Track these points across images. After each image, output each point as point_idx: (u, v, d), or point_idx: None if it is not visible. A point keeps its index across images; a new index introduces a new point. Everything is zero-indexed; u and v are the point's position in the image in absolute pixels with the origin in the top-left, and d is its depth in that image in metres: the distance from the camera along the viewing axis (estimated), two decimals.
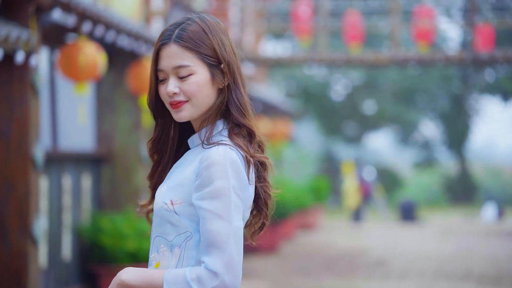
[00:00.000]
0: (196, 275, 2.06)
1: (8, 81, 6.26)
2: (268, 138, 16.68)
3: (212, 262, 2.07)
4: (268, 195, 2.31)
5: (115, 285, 2.14)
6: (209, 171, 2.12)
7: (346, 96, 29.02)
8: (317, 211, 17.92)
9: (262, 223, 2.36)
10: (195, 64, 2.18)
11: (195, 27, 2.19)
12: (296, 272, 10.97)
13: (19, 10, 6.25)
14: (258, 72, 17.61)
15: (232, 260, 2.09)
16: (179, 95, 2.19)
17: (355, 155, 27.87)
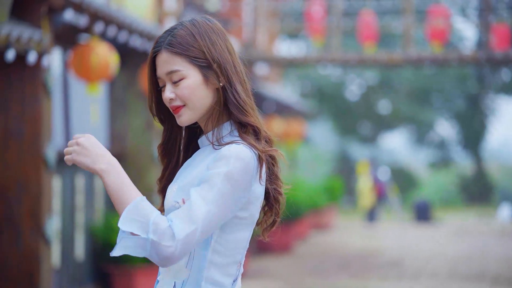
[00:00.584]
0: (159, 225, 2.04)
1: (20, 82, 6.29)
2: (281, 138, 16.67)
3: (179, 227, 2.05)
4: (278, 192, 2.30)
5: (92, 168, 2.12)
6: (215, 164, 2.14)
7: (361, 96, 28.96)
8: (331, 211, 17.90)
9: (273, 220, 2.34)
10: (185, 68, 2.21)
11: (184, 31, 2.22)
12: (310, 272, 10.95)
13: (31, 11, 6.28)
14: (272, 72, 17.60)
15: (193, 236, 2.06)
16: (175, 100, 2.22)
17: (370, 155, 27.82)
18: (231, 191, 2.12)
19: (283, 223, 11.36)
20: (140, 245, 2.05)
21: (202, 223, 2.07)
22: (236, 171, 2.13)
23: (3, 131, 6.31)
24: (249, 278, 10.25)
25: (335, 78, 28.79)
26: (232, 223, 2.19)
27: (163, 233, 2.04)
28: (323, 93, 28.23)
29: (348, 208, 24.63)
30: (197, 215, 2.07)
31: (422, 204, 20.08)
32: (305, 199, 13.79)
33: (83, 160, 2.13)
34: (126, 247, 2.07)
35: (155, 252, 2.04)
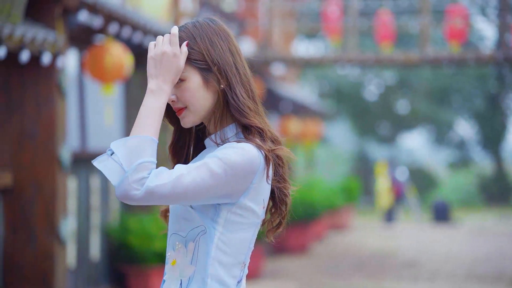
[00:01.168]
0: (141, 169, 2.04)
1: (35, 83, 6.32)
2: (298, 138, 16.65)
3: (153, 177, 2.06)
4: (284, 193, 2.28)
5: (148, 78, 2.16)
6: (215, 151, 2.15)
7: (379, 95, 28.87)
8: (348, 211, 17.85)
9: (279, 221, 2.31)
10: (186, 70, 2.21)
11: (185, 33, 2.23)
12: (326, 273, 10.93)
13: (45, 12, 6.31)
14: (289, 72, 17.58)
15: (162, 188, 2.05)
16: (177, 103, 2.23)
17: (388, 155, 27.72)
18: (218, 173, 2.10)
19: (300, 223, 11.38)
20: (116, 172, 2.06)
21: (175, 181, 2.06)
22: (234, 158, 2.12)
23: (18, 132, 6.34)
24: (266, 278, 10.25)
25: (353, 78, 28.73)
26: (234, 221, 2.19)
27: (139, 177, 2.04)
28: (341, 93, 28.17)
29: (366, 208, 24.56)
30: (173, 173, 2.07)
31: (440, 204, 19.98)
32: (322, 199, 13.77)
33: (150, 64, 2.17)
34: (105, 165, 2.07)
35: (123, 186, 2.04)
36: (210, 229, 2.18)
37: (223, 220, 2.18)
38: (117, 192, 2.05)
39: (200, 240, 2.18)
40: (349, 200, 17.62)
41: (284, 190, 2.27)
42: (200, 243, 2.17)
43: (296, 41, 24.94)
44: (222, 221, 2.18)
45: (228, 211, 2.18)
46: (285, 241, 12.77)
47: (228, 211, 2.18)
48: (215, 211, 2.18)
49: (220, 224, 2.18)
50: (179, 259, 2.21)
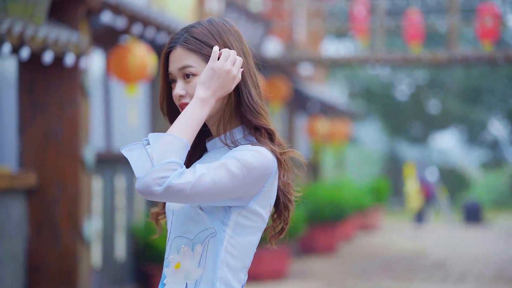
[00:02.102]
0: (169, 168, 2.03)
1: (58, 83, 6.36)
2: (326, 138, 16.59)
3: (191, 172, 2.05)
4: (288, 199, 2.25)
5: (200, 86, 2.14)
6: (231, 152, 2.12)
7: (410, 95, 28.69)
8: (377, 212, 17.76)
9: (282, 227, 2.28)
10: (198, 65, 2.18)
11: (201, 30, 2.21)
12: (353, 274, 10.88)
13: (69, 13, 6.34)
14: (317, 72, 17.53)
15: (184, 187, 2.03)
16: (185, 97, 2.19)
17: (420, 155, 27.54)
18: (237, 174, 2.08)
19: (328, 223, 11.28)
20: (144, 164, 2.03)
21: (196, 181, 2.04)
22: (252, 161, 2.09)
23: (43, 132, 6.39)
24: (292, 279, 10.23)
25: (384, 78, 28.58)
26: (244, 225, 2.16)
27: (164, 175, 2.02)
28: (371, 93, 28.04)
29: (396, 209, 24.41)
30: (196, 172, 2.05)
31: (472, 205, 19.80)
32: (350, 199, 13.70)
33: (209, 74, 2.14)
34: (134, 155, 2.05)
35: (146, 180, 2.02)
36: (220, 232, 2.15)
37: (233, 223, 2.16)
38: (138, 185, 2.02)
39: (209, 243, 2.14)
40: (378, 200, 17.53)
41: (289, 195, 2.25)
42: (209, 245, 2.14)
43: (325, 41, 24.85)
44: (232, 224, 2.16)
45: (238, 214, 2.15)
46: (313, 242, 12.73)
47: (238, 214, 2.15)
48: (226, 213, 2.15)
49: (230, 227, 2.15)
50: (184, 262, 2.17)
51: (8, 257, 6.10)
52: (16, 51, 5.72)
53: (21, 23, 5.60)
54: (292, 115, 14.68)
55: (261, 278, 9.91)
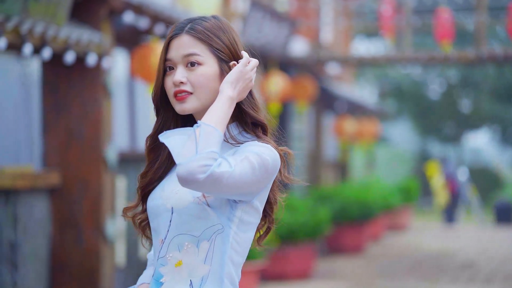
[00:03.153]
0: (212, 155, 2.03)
1: (81, 83, 6.40)
2: (354, 138, 16.52)
3: (227, 163, 2.05)
4: (275, 198, 2.27)
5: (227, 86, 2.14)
6: (244, 148, 2.13)
7: (442, 94, 28.46)
8: (406, 212, 17.65)
9: (267, 227, 2.30)
10: (205, 55, 2.18)
11: (209, 22, 2.22)
12: (380, 274, 10.82)
13: (91, 14, 6.39)
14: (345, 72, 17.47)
15: (224, 176, 2.03)
16: (185, 85, 2.17)
17: (452, 155, 27.31)
18: (257, 169, 2.09)
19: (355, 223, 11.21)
20: (186, 150, 2.02)
21: (231, 172, 2.04)
22: (267, 157, 2.11)
23: (66, 132, 6.44)
24: (318, 278, 10.20)
25: (415, 77, 28.39)
26: (246, 221, 2.17)
27: (206, 163, 2.01)
28: (402, 92, 27.87)
29: (426, 209, 24.25)
30: (230, 164, 2.05)
31: (503, 205, 19.58)
32: (378, 199, 13.63)
33: (237, 75, 2.15)
34: (174, 140, 2.06)
35: (190, 167, 2.00)
36: (227, 228, 2.15)
37: (237, 219, 2.16)
38: (181, 170, 2.00)
39: (216, 239, 2.14)
40: (408, 200, 17.42)
41: (276, 196, 2.27)
42: (216, 242, 2.14)
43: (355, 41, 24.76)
44: (237, 220, 2.16)
45: (242, 210, 2.16)
46: (340, 241, 12.69)
47: (242, 210, 2.16)
48: (231, 209, 2.16)
49: (235, 223, 2.16)
50: (187, 259, 2.15)
51: (32, 256, 6.15)
52: (38, 52, 5.77)
53: (43, 23, 5.65)
54: (320, 115, 14.64)
55: (286, 278, 9.90)
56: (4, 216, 5.81)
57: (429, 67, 24.95)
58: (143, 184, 2.28)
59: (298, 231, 9.74)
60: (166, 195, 2.19)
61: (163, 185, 2.23)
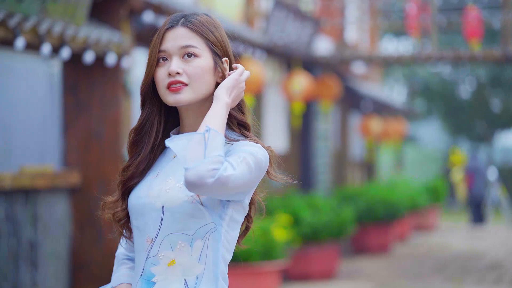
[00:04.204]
0: (220, 159, 2.02)
1: (101, 83, 6.42)
2: (380, 137, 16.43)
3: (230, 166, 2.05)
4: (254, 200, 2.28)
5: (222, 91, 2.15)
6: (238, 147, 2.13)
7: (473, 93, 28.20)
8: (433, 212, 17.50)
9: (246, 226, 2.30)
10: (201, 48, 2.18)
11: (204, 17, 2.23)
12: (405, 274, 10.74)
13: (111, 14, 6.40)
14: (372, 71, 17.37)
15: (230, 178, 2.03)
16: (181, 76, 2.16)
17: (483, 154, 27.04)
18: (253, 169, 2.10)
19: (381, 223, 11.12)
20: (194, 155, 2.01)
21: (236, 174, 2.04)
22: (260, 156, 2.12)
23: (86, 132, 6.46)
24: (342, 279, 10.15)
25: (445, 76, 28.16)
26: (235, 219, 2.18)
27: (214, 167, 2.01)
28: (432, 91, 27.65)
29: (455, 209, 24.04)
30: (233, 166, 2.05)
31: None
32: (404, 199, 13.52)
33: (232, 84, 2.15)
34: (180, 145, 2.04)
35: (199, 171, 1.99)
36: (219, 227, 2.15)
37: (228, 218, 2.17)
38: (190, 175, 1.99)
39: (209, 238, 2.14)
40: (435, 200, 17.27)
41: (256, 195, 2.28)
42: (209, 240, 2.13)
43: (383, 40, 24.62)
44: (228, 218, 2.16)
45: (232, 208, 2.17)
46: (365, 241, 12.62)
47: (232, 209, 2.17)
48: (223, 208, 2.16)
49: (226, 221, 2.16)
50: (181, 258, 2.14)
51: (52, 255, 6.18)
52: (57, 52, 5.79)
53: (61, 23, 5.67)
54: (345, 114, 14.58)
55: (310, 278, 9.86)
56: (24, 216, 5.84)
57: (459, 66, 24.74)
58: (125, 179, 2.25)
59: (321, 230, 9.70)
60: (155, 194, 2.17)
61: (149, 183, 2.21)
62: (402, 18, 15.80)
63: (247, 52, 8.49)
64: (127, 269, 2.30)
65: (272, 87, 10.69)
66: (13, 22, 5.17)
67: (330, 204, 10.23)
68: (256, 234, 7.87)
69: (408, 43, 27.37)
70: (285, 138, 11.51)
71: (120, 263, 2.32)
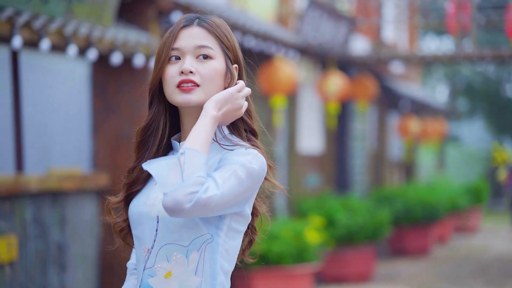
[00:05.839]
0: (199, 181, 1.94)
1: (129, 84, 6.38)
2: (419, 137, 16.21)
3: (214, 184, 1.97)
4: (257, 211, 2.20)
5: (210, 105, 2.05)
6: (231, 157, 2.04)
7: None
8: (475, 213, 17.21)
9: (251, 239, 2.23)
10: (216, 50, 2.12)
11: (219, 21, 2.18)
12: (444, 278, 10.55)
13: (139, 14, 6.36)
14: (411, 70, 17.15)
15: (211, 200, 1.95)
16: (194, 75, 2.09)
17: None
18: (244, 181, 2.02)
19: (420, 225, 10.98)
20: (171, 179, 1.94)
21: (220, 193, 1.97)
22: (255, 166, 2.03)
23: (114, 133, 6.43)
24: (378, 281, 10.01)
25: (489, 74, 27.76)
26: (234, 228, 2.10)
27: (193, 190, 1.94)
28: (475, 90, 27.27)
29: (499, 210, 23.66)
30: (217, 184, 1.98)
31: None
32: (444, 200, 13.30)
33: (226, 98, 2.06)
34: (159, 169, 1.98)
35: (176, 196, 1.92)
36: (216, 237, 2.08)
37: (226, 227, 2.09)
38: (167, 201, 1.93)
39: (206, 249, 2.07)
40: (477, 202, 16.98)
41: (259, 207, 2.20)
42: (206, 252, 2.07)
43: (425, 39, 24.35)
44: (225, 228, 2.09)
45: (230, 218, 2.09)
46: (403, 243, 12.45)
47: (230, 218, 2.09)
48: (220, 218, 2.09)
49: (223, 232, 2.09)
50: (177, 270, 2.07)
51: (80, 258, 6.15)
52: (83, 53, 5.76)
53: (88, 24, 5.64)
54: (383, 114, 14.41)
55: (345, 280, 9.74)
56: (52, 218, 5.82)
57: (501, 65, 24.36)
58: (130, 181, 2.20)
59: (357, 233, 9.57)
60: (151, 203, 2.12)
61: (148, 191, 2.16)
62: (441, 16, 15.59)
63: (279, 52, 8.40)
64: (135, 280, 2.25)
65: (307, 88, 10.58)
66: (38, 23, 5.14)
67: (366, 206, 10.09)
68: (289, 236, 7.83)
69: (450, 42, 27.04)
70: (320, 139, 11.40)
71: (130, 273, 2.28)
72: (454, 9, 10.86)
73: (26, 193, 5.50)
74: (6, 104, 6.08)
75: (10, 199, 5.34)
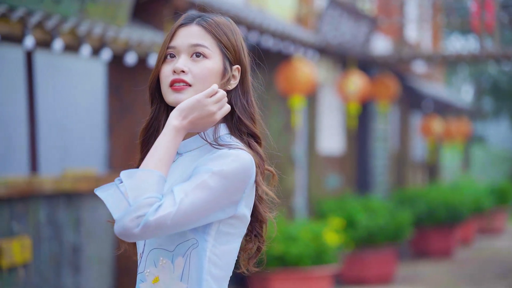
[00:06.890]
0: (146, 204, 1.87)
1: (144, 84, 6.32)
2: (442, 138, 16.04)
3: (170, 201, 1.90)
4: (264, 217, 2.13)
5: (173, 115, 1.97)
6: (208, 162, 1.97)
7: None
8: (500, 215, 17.00)
9: (258, 247, 2.15)
10: (213, 49, 2.07)
11: (221, 20, 2.14)
12: (466, 279, 10.41)
13: (154, 14, 6.32)
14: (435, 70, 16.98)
15: (164, 220, 1.88)
16: (186, 75, 2.04)
17: None
18: (217, 188, 1.94)
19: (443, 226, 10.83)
20: (119, 204, 1.89)
21: (177, 210, 1.89)
22: (229, 168, 1.95)
23: (129, 134, 6.38)
24: (400, 283, 9.90)
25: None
26: (225, 232, 2.03)
27: (141, 213, 1.87)
28: (501, 90, 26.99)
29: None
30: (175, 200, 1.90)
31: None
32: (468, 202, 13.13)
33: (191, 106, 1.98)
34: (109, 195, 1.93)
35: (123, 222, 1.87)
36: (202, 242, 2.01)
37: (214, 232, 2.02)
38: (116, 228, 1.89)
39: (191, 255, 2.01)
40: (502, 203, 16.78)
41: (265, 214, 2.12)
42: (191, 257, 2.01)
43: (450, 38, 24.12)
44: (214, 232, 2.02)
45: (219, 222, 2.02)
46: (426, 245, 12.31)
47: (219, 222, 2.02)
48: None
49: (211, 236, 2.02)
50: (163, 275, 2.03)
51: (96, 259, 6.12)
52: (97, 53, 5.72)
53: (102, 24, 5.60)
54: (406, 114, 14.27)
55: (366, 282, 9.64)
56: (66, 220, 5.79)
57: None
58: None
59: (377, 234, 9.47)
60: None
61: None
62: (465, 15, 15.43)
63: (298, 52, 8.32)
64: None
65: (327, 88, 10.49)
66: (50, 23, 5.11)
67: (387, 207, 9.98)
68: (307, 238, 7.76)
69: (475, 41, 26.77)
70: (341, 139, 11.30)
71: None
72: (477, 8, 10.71)
73: (41, 194, 5.48)
74: (21, 105, 6.05)
75: (24, 200, 5.32)
